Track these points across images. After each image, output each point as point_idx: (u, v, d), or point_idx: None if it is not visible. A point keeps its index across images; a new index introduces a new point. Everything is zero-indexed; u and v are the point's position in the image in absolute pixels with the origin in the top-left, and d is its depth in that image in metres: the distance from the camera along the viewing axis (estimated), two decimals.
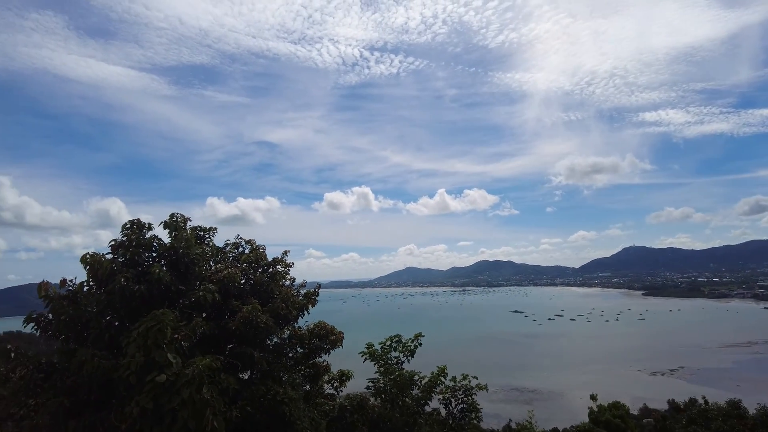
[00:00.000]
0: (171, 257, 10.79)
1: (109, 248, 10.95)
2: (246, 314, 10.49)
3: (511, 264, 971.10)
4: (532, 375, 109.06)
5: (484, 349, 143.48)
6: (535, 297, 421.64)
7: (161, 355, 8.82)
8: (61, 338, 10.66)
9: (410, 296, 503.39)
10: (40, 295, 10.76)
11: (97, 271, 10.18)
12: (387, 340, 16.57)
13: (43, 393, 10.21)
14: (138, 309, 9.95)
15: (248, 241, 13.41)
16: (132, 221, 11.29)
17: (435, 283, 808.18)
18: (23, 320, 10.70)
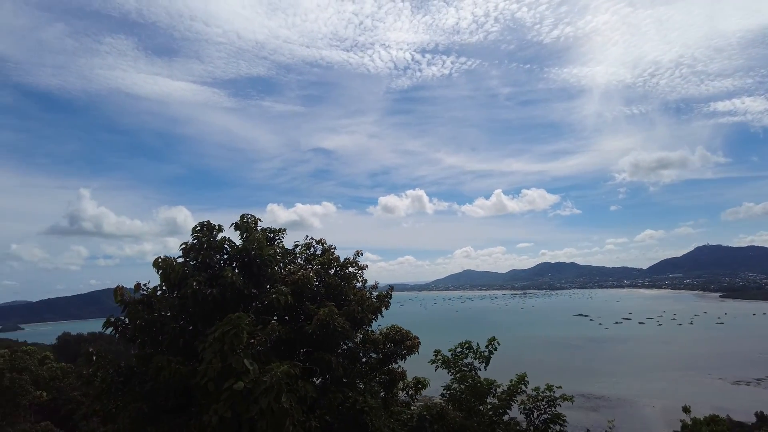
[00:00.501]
0: (243, 259, 10.45)
1: (180, 252, 10.81)
2: (322, 317, 9.96)
3: (574, 266, 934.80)
4: (600, 381, 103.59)
5: (548, 353, 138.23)
6: (601, 300, 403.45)
7: (238, 361, 8.41)
8: (137, 342, 10.61)
9: (468, 299, 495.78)
10: (116, 300, 10.74)
11: (169, 275, 9.98)
12: (458, 346, 15.73)
13: (122, 396, 10.14)
14: (211, 313, 9.66)
15: (319, 240, 12.97)
16: (202, 223, 11.06)
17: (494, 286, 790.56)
18: (102, 324, 10.71)
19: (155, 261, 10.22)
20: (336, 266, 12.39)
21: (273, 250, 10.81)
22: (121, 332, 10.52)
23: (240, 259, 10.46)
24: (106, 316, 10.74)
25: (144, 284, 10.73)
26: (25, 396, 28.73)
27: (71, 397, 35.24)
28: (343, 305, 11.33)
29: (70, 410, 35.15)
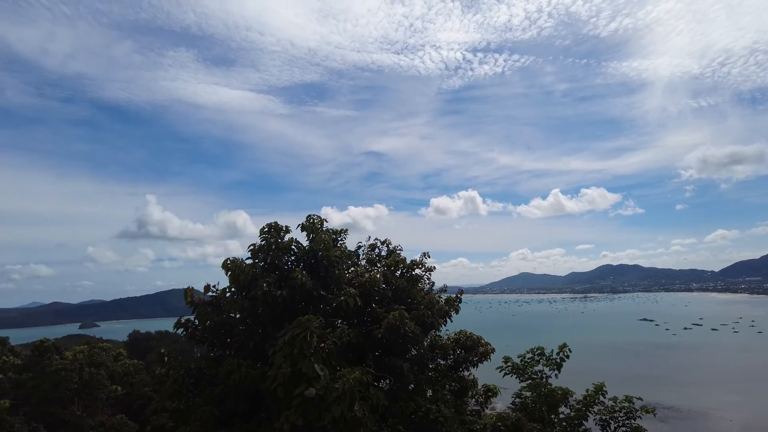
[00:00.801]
0: (310, 260, 10.21)
1: (248, 254, 10.72)
2: (392, 321, 9.55)
3: (637, 268, 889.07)
4: (667, 390, 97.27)
5: (610, 360, 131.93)
6: (667, 304, 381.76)
7: (308, 366, 8.13)
8: (207, 344, 10.62)
9: (525, 303, 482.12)
10: (187, 301, 10.79)
11: (238, 276, 9.88)
12: (528, 352, 14.95)
13: (193, 398, 10.17)
14: (280, 315, 9.46)
15: (384, 242, 12.59)
16: (270, 224, 10.93)
17: (552, 289, 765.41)
18: (173, 325, 10.80)
19: (224, 263, 10.17)
20: (402, 268, 11.95)
21: (339, 251, 10.51)
22: (191, 333, 10.56)
23: (307, 261, 10.24)
24: (171, 315, 10.89)
25: (213, 285, 10.72)
26: (103, 390, 30.26)
27: (142, 393, 36.78)
28: (411, 309, 10.88)
29: (142, 405, 36.74)
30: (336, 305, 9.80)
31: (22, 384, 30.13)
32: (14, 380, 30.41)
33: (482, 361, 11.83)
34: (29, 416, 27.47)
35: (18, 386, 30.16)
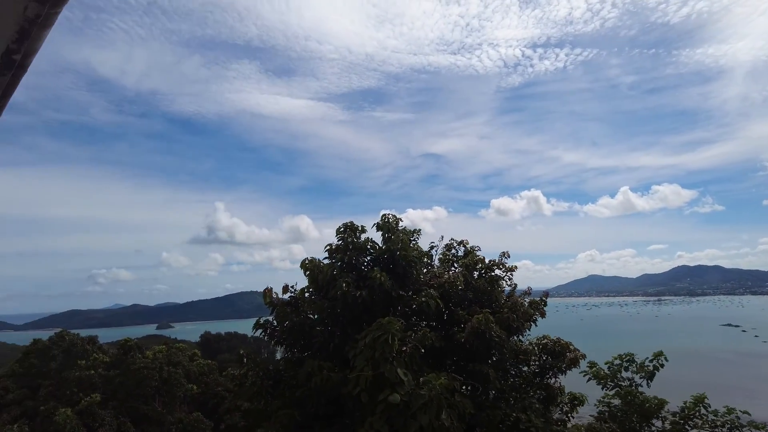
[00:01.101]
0: (387, 260, 9.91)
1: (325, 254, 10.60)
2: (476, 325, 9.04)
3: (718, 269, 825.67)
4: (757, 402, 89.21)
5: (690, 367, 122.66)
6: (755, 308, 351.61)
7: (391, 370, 7.81)
8: (285, 345, 10.58)
9: (594, 306, 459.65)
10: (266, 302, 10.80)
11: (317, 276, 9.74)
12: (616, 358, 13.88)
13: (272, 401, 10.14)
14: (359, 316, 9.21)
15: (461, 242, 12.07)
16: (346, 224, 10.76)
17: (623, 292, 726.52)
18: (252, 326, 10.85)
19: (303, 262, 10.08)
20: (481, 269, 11.39)
21: (416, 251, 10.13)
22: (270, 335, 10.55)
23: (385, 261, 9.94)
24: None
25: (291, 286, 10.68)
26: (180, 388, 31.59)
27: (216, 392, 38.12)
28: (493, 312, 10.30)
29: (215, 404, 38.09)
30: (416, 307, 9.43)
31: (110, 380, 32.06)
32: (103, 376, 32.42)
33: (571, 368, 11.03)
34: (117, 410, 29.16)
35: (106, 382, 32.12)
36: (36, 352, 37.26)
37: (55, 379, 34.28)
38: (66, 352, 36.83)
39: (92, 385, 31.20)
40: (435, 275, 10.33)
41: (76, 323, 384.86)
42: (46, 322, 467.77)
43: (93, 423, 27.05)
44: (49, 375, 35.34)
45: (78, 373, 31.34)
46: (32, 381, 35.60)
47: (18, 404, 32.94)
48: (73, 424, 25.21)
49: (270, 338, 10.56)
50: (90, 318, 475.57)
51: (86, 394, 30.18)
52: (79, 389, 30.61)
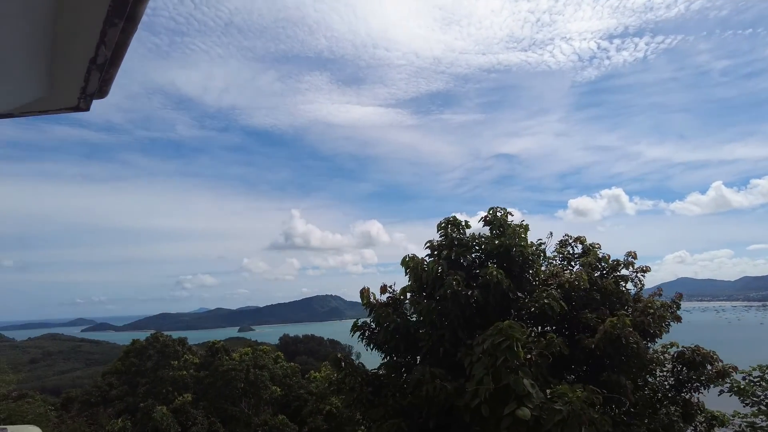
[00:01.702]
0: (501, 257, 8.88)
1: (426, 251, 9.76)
2: (610, 329, 7.79)
3: None
4: None
5: None
6: None
7: (516, 381, 6.79)
8: (385, 349, 9.85)
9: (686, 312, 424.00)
10: (363, 303, 10.14)
11: (420, 274, 8.91)
12: (754, 368, 11.90)
13: (373, 409, 9.44)
14: (471, 319, 8.26)
15: (577, 238, 10.79)
16: (447, 219, 9.86)
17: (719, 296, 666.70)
18: (351, 329, 10.24)
19: (404, 260, 9.30)
20: (604, 268, 10.05)
21: (534, 247, 9.03)
22: (368, 337, 9.88)
23: (497, 257, 8.91)
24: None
25: (390, 286, 9.96)
26: (266, 390, 32.07)
27: (298, 395, 38.47)
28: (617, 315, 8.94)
29: (298, 407, 38.44)
30: (534, 309, 8.35)
31: (200, 380, 33.22)
32: (194, 377, 33.67)
33: (714, 382, 9.42)
34: (207, 410, 30.06)
35: (197, 382, 33.32)
36: (134, 351, 39.56)
37: (151, 377, 36.12)
38: (160, 353, 38.75)
39: (184, 385, 32.47)
40: (553, 274, 9.16)
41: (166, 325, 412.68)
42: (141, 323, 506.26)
43: (186, 421, 28.00)
44: (146, 373, 37.29)
45: (172, 373, 32.74)
46: (132, 378, 37.77)
47: (120, 399, 35.00)
48: (169, 422, 26.17)
49: (368, 342, 9.87)
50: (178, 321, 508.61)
51: (179, 393, 31.43)
52: (173, 388, 31.95)
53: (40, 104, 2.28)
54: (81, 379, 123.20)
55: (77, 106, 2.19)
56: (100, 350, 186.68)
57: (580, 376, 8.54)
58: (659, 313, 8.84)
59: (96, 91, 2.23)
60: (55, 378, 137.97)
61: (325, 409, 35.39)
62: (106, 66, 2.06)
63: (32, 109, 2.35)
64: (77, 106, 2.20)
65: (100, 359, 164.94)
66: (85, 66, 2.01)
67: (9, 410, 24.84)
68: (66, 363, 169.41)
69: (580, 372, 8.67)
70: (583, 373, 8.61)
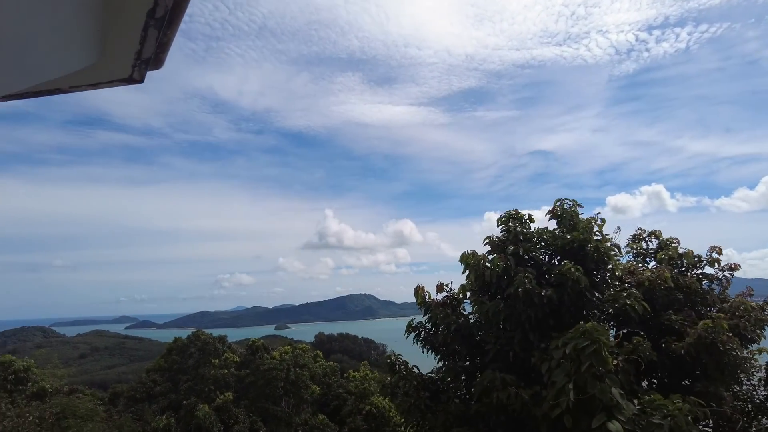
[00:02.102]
0: (574, 253, 8.06)
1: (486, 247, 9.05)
2: (704, 333, 6.91)
3: None
4: None
5: None
6: None
7: (603, 390, 6.02)
8: (442, 352, 9.20)
9: None
10: (418, 302, 9.52)
11: (482, 272, 8.21)
12: None
13: (432, 416, 8.81)
14: (544, 320, 7.51)
15: (652, 232, 9.85)
16: (509, 213, 9.12)
17: None
18: (405, 330, 9.64)
19: (463, 256, 8.60)
20: (687, 264, 9.08)
21: (609, 241, 8.18)
22: (424, 339, 9.25)
23: (570, 254, 8.10)
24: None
25: (446, 284, 9.30)
26: (306, 390, 31.89)
27: (337, 394, 38.20)
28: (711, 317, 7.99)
29: (337, 406, 38.16)
30: (612, 310, 7.53)
31: (241, 379, 33.36)
32: (235, 375, 33.85)
33: None
34: (248, 409, 30.10)
35: (238, 381, 33.48)
36: (176, 349, 40.19)
37: (193, 375, 36.57)
38: (201, 350, 39.23)
39: (226, 383, 32.67)
40: (629, 271, 8.29)
41: (205, 323, 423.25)
42: (181, 321, 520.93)
43: (228, 420, 28.09)
44: (188, 371, 37.81)
45: (213, 372, 32.98)
46: (174, 375, 38.37)
47: (164, 396, 35.57)
48: (211, 420, 26.26)
49: (423, 344, 9.23)
50: (217, 319, 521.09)
51: (220, 391, 31.62)
52: (214, 387, 32.19)
53: (90, 76, 2.03)
54: (125, 375, 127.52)
55: (131, 76, 1.97)
56: (143, 347, 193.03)
57: (664, 384, 7.64)
58: (758, 316, 7.83)
59: (152, 57, 2.02)
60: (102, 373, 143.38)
61: (365, 409, 35.03)
62: (165, 23, 1.85)
63: (82, 83, 2.09)
64: (131, 77, 1.97)
65: (143, 355, 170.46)
66: (142, 21, 1.79)
67: (62, 405, 25.41)
68: (111, 358, 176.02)
69: (664, 380, 7.77)
70: (667, 381, 7.71)
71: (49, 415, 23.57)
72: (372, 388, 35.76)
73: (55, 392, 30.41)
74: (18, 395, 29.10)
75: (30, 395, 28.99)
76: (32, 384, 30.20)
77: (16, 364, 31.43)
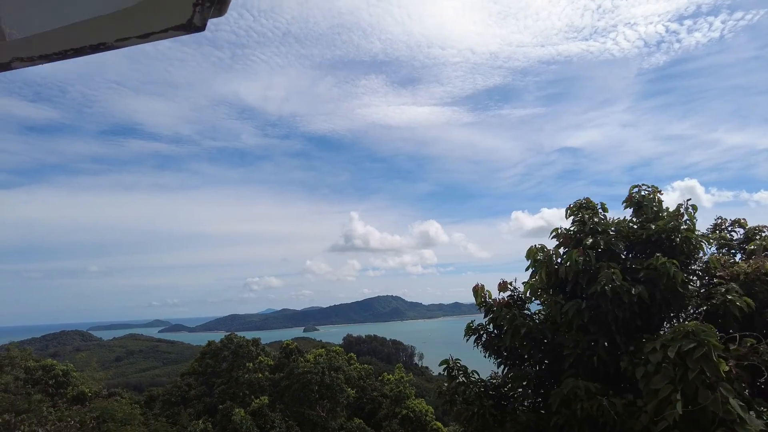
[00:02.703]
0: (660, 245, 7.17)
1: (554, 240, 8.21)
2: None
3: None
4: None
5: None
6: None
7: (716, 402, 5.17)
8: (507, 356, 8.40)
9: None
10: (478, 302, 8.74)
11: (556, 268, 7.39)
12: None
13: (498, 427, 8.03)
14: (631, 320, 6.65)
15: (736, 221, 8.85)
16: (579, 202, 8.28)
17: None
18: (465, 332, 8.87)
19: (530, 250, 7.79)
20: None
21: (698, 231, 7.25)
22: (486, 343, 8.46)
23: (655, 245, 7.20)
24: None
25: (509, 282, 8.49)
26: (342, 394, 31.33)
27: (372, 397, 37.54)
28: None
29: (372, 410, 37.49)
30: (708, 308, 6.62)
31: (275, 383, 33.02)
32: (270, 379, 33.54)
33: None
34: (284, 413, 29.70)
35: (273, 384, 33.16)
36: (210, 352, 40.21)
37: (226, 378, 36.46)
38: (234, 354, 39.14)
39: (260, 387, 32.39)
40: (722, 265, 7.33)
41: (235, 326, 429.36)
42: (212, 325, 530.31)
43: (264, 424, 27.74)
44: (222, 374, 37.74)
45: (248, 375, 32.75)
46: (208, 379, 38.37)
47: (198, 400, 35.55)
48: (248, 425, 25.94)
49: (486, 348, 8.45)
50: (247, 322, 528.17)
51: (255, 395, 31.34)
52: (249, 391, 31.94)
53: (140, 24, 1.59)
54: (159, 377, 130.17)
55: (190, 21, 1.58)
56: (175, 350, 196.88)
57: None
58: None
59: None
60: (137, 375, 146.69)
61: (402, 413, 34.27)
62: None
63: (130, 34, 1.67)
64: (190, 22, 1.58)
65: (176, 358, 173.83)
66: None
67: (101, 409, 25.53)
68: (146, 361, 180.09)
69: None
70: None
71: (89, 420, 23.66)
72: (408, 392, 35.00)
73: (94, 396, 30.69)
74: (59, 399, 29.47)
75: (70, 399, 29.28)
76: (72, 388, 30.52)
77: (57, 368, 31.86)
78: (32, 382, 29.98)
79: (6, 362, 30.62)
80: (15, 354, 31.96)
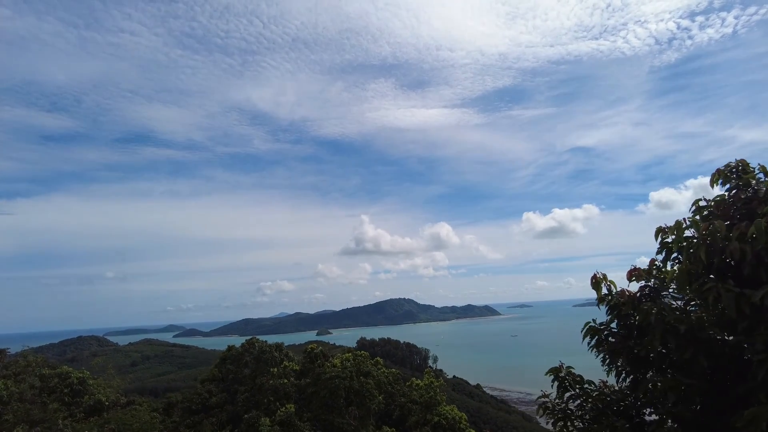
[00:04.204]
0: None
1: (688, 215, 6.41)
2: None
3: None
4: None
5: None
6: None
7: None
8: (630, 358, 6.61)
9: None
10: (599, 296, 6.93)
11: (720, 246, 5.57)
12: None
13: None
14: None
15: None
16: (728, 166, 6.44)
17: None
18: (582, 333, 7.09)
19: (676, 224, 5.96)
20: None
21: None
22: (616, 346, 6.65)
23: None
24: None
25: (643, 269, 6.68)
26: (372, 400, 29.60)
27: (401, 403, 35.74)
28: None
29: (400, 417, 35.67)
30: None
31: (302, 389, 31.36)
32: (296, 385, 31.89)
33: None
34: (311, 422, 28.01)
35: (299, 391, 31.49)
36: (230, 358, 38.66)
37: (249, 385, 34.85)
38: (257, 359, 37.56)
39: (286, 394, 30.74)
40: None
41: (249, 330, 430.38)
42: (226, 329, 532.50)
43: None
44: (244, 381, 36.16)
45: (272, 382, 31.11)
46: (230, 386, 36.80)
47: (220, 408, 33.97)
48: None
49: (614, 353, 6.62)
50: (261, 326, 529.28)
51: (280, 402, 29.71)
52: (274, 398, 30.29)
53: None
54: (175, 382, 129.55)
55: None
56: (190, 354, 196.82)
57: None
58: None
59: None
60: (153, 380, 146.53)
61: (433, 421, 32.41)
62: None
63: None
64: None
65: (191, 363, 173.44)
66: None
67: (119, 420, 24.08)
68: (161, 366, 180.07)
69: None
70: None
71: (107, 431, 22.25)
72: (439, 397, 33.19)
73: (111, 405, 29.32)
74: (75, 408, 28.16)
75: (87, 408, 27.93)
76: (88, 396, 29.17)
77: (73, 376, 30.55)
78: (48, 391, 28.69)
79: (22, 370, 29.41)
80: (31, 360, 30.76)
